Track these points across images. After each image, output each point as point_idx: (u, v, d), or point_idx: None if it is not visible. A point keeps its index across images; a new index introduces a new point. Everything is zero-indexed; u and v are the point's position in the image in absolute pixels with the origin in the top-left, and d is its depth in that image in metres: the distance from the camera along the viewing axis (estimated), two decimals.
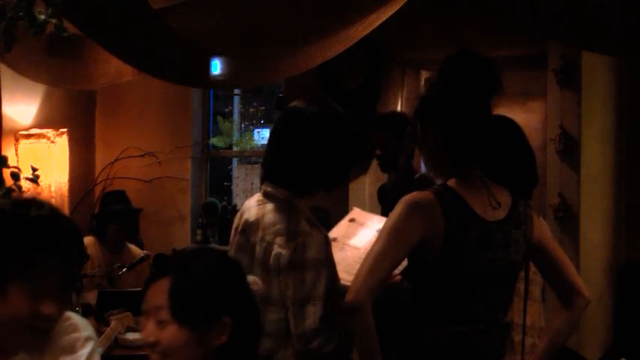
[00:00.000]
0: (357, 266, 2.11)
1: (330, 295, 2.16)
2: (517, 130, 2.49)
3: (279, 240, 2.18)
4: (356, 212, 2.89)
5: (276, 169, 2.29)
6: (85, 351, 1.72)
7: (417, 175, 3.90)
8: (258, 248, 2.23)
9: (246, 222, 2.30)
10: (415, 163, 3.97)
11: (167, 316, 1.56)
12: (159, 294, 1.58)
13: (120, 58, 4.04)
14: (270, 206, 2.26)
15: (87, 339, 1.74)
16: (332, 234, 2.62)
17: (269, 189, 2.28)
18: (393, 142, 3.87)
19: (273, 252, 2.18)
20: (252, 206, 2.32)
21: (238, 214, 2.39)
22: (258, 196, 2.34)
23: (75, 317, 1.76)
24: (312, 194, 2.30)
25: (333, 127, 2.25)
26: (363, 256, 2.11)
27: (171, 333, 1.56)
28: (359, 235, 2.70)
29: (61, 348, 1.70)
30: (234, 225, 2.38)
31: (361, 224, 2.77)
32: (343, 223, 2.85)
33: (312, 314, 2.13)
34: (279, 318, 2.18)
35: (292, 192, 2.25)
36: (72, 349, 1.72)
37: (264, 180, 2.33)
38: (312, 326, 2.12)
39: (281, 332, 2.18)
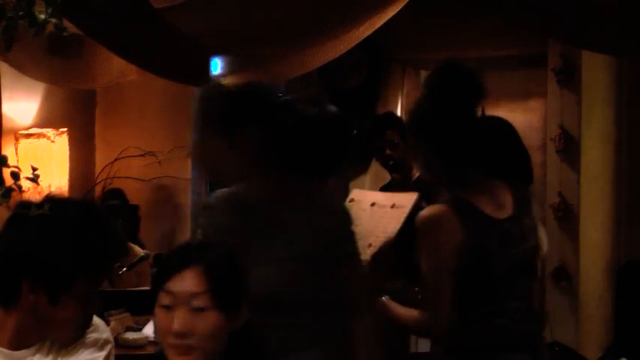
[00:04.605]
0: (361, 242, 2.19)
1: None
2: (510, 128, 2.54)
3: None
4: (355, 193, 2.93)
5: None
6: (103, 353, 1.73)
7: (415, 177, 3.89)
8: None
9: None
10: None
11: (206, 303, 1.55)
12: (192, 282, 1.57)
13: (120, 56, 4.04)
14: None
15: (105, 341, 1.75)
16: None
17: None
18: (403, 141, 3.86)
19: None
20: None
21: None
22: None
23: (95, 317, 1.78)
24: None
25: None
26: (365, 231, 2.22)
27: (211, 318, 1.55)
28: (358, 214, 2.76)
29: (81, 344, 1.72)
30: None
31: (359, 202, 2.82)
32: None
33: None
34: None
35: None
36: (90, 349, 1.73)
37: None
38: None
39: None
